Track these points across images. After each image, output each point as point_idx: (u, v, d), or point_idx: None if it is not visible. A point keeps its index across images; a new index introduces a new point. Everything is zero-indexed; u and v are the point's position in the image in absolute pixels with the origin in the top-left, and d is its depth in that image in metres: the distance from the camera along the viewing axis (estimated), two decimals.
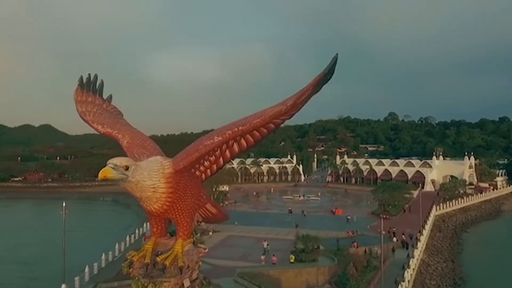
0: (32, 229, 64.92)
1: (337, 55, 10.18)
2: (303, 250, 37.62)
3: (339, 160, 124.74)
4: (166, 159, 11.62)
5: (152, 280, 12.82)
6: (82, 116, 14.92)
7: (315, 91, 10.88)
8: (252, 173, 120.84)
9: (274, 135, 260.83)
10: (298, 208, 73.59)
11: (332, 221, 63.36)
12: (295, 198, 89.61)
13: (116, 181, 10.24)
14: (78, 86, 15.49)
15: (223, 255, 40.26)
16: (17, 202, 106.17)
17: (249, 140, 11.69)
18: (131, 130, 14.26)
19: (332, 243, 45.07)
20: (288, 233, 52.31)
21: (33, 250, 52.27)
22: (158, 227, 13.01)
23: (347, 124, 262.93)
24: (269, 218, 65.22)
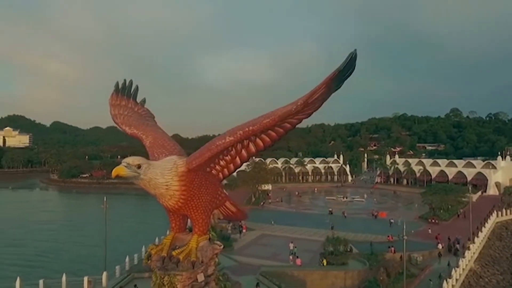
0: (90, 220, 71.94)
1: (355, 51, 9.90)
2: (332, 253, 36.74)
3: (389, 159, 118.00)
4: (180, 158, 12.23)
5: (166, 272, 13.91)
6: (114, 118, 16.12)
7: (330, 89, 10.63)
8: (296, 173, 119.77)
9: (324, 134, 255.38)
10: (339, 209, 71.56)
11: (374, 224, 60.57)
12: (338, 199, 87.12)
13: (130, 178, 11.27)
14: (114, 91, 16.97)
15: (252, 253, 41.02)
16: (84, 196, 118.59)
17: (265, 139, 11.97)
18: (154, 132, 15.20)
19: (368, 246, 43.31)
20: (323, 235, 50.98)
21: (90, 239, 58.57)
22: (176, 222, 14.02)
23: (402, 122, 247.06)
24: (307, 219, 64.44)
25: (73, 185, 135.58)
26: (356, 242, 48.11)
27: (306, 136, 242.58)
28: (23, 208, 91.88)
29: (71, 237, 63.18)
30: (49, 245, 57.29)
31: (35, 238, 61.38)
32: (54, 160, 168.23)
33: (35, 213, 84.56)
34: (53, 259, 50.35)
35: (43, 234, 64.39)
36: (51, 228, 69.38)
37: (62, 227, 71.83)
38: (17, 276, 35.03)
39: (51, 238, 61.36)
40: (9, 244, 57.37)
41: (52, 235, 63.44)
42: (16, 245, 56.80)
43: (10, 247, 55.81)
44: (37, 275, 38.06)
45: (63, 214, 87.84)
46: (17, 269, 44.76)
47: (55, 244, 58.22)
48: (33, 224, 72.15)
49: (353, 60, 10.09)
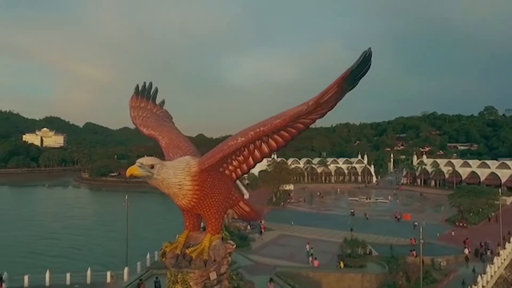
0: (118, 216, 74.81)
1: (369, 49, 9.74)
2: (349, 255, 36.15)
3: (416, 160, 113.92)
4: (194, 158, 12.42)
5: (180, 270, 14.44)
6: (133, 120, 16.75)
7: (343, 89, 10.49)
8: (319, 173, 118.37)
9: (349, 133, 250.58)
10: (362, 210, 70.10)
11: (397, 227, 58.88)
12: (361, 200, 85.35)
13: (143, 178, 11.63)
14: (134, 93, 17.77)
15: (270, 253, 41.16)
16: (113, 194, 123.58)
17: (278, 140, 11.98)
18: (170, 132, 15.57)
19: (388, 249, 42.21)
20: (343, 236, 50.04)
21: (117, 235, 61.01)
22: (191, 221, 14.49)
23: (432, 121, 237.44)
24: (328, 220, 63.68)
25: (102, 183, 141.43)
26: (377, 244, 47.07)
27: (331, 136, 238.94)
28: (59, 204, 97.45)
29: (102, 232, 66.10)
30: (82, 239, 60.29)
31: (70, 232, 64.85)
32: (86, 159, 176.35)
33: (69, 209, 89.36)
34: (86, 252, 52.88)
35: (76, 228, 67.93)
36: (83, 223, 72.98)
37: (93, 222, 75.28)
38: (55, 266, 37.61)
39: (84, 233, 64.42)
40: (47, 236, 61.29)
41: (85, 230, 66.63)
42: (53, 238, 60.38)
43: (48, 239, 59.59)
44: (71, 266, 40.95)
45: (93, 211, 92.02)
46: (54, 260, 48.25)
47: (87, 238, 61.17)
48: (68, 219, 76.32)
49: (367, 59, 9.91)
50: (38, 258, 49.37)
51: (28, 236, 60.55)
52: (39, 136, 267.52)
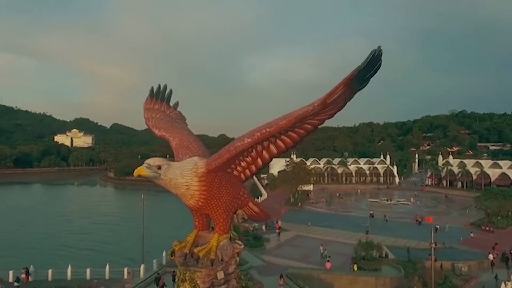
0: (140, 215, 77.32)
1: (379, 48, 9.58)
2: (363, 258, 35.48)
3: (441, 160, 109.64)
4: (201, 159, 12.45)
5: (187, 268, 14.90)
6: (146, 121, 17.33)
7: (352, 89, 10.33)
8: (339, 174, 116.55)
9: (372, 133, 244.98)
10: (381, 212, 68.45)
11: (418, 229, 56.97)
12: (382, 201, 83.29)
13: (150, 178, 12.14)
14: (149, 96, 18.37)
15: (283, 253, 41.12)
16: (136, 193, 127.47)
17: (286, 141, 11.99)
18: (180, 134, 16.00)
19: (409, 253, 41.02)
20: (359, 239, 49.53)
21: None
22: (200, 221, 14.89)
23: (461, 120, 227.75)
24: (346, 221, 62.66)
25: (127, 182, 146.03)
26: (395, 247, 45.88)
27: (353, 136, 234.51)
28: (86, 202, 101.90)
29: (126, 228, 68.38)
30: (108, 234, 62.76)
31: (98, 228, 67.70)
32: (112, 159, 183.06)
33: (96, 207, 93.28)
34: (112, 247, 54.84)
35: (103, 224, 70.80)
36: (109, 220, 75.82)
37: (118, 219, 78.11)
38: (83, 259, 39.66)
39: (110, 228, 66.96)
40: (76, 231, 64.40)
41: (110, 226, 69.23)
42: (82, 233, 63.25)
43: (77, 234, 62.59)
44: (98, 260, 43.28)
45: (118, 208, 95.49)
46: (84, 252, 50.76)
47: (112, 234, 63.61)
48: (95, 216, 79.72)
49: (377, 58, 9.67)
50: (68, 250, 52.12)
51: (60, 231, 63.97)
52: (70, 136, 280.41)
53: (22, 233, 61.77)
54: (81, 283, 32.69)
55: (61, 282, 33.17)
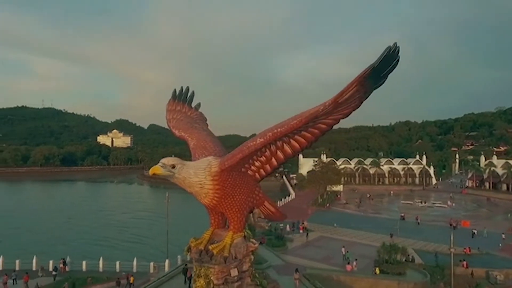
0: (175, 211, 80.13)
1: (394, 44, 9.30)
2: (386, 261, 34.40)
3: (484, 161, 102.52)
4: (216, 159, 13.17)
5: (202, 264, 15.67)
6: (167, 122, 17.83)
7: (366, 87, 10.07)
8: (371, 174, 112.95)
9: (409, 132, 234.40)
10: (414, 215, 65.63)
11: (453, 234, 53.97)
12: (415, 203, 79.75)
13: (165, 177, 12.66)
14: (171, 97, 19.19)
15: (305, 254, 40.91)
16: (169, 191, 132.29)
17: (301, 141, 12.25)
18: (198, 134, 16.42)
19: (438, 258, 39.17)
20: (387, 241, 48.04)
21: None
22: (215, 219, 15.52)
23: (509, 117, 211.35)
24: (375, 223, 60.88)
25: (161, 181, 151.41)
26: (425, 252, 44.09)
27: (388, 135, 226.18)
28: (125, 198, 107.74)
29: (161, 224, 71.56)
30: (144, 229, 65.92)
31: (136, 222, 71.43)
32: (148, 158, 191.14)
33: (133, 203, 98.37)
34: (149, 241, 57.78)
35: (141, 219, 74.60)
36: (146, 215, 79.59)
37: (154, 215, 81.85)
38: (119, 251, 42.52)
39: (147, 223, 70.10)
40: (116, 225, 68.63)
41: (147, 221, 72.44)
42: (121, 226, 67.36)
43: (117, 227, 66.82)
44: (134, 252, 46.17)
45: (154, 205, 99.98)
46: (124, 244, 54.50)
47: (149, 228, 66.70)
48: (133, 212, 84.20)
49: (393, 55, 9.33)
50: (109, 241, 56.28)
51: (102, 224, 68.62)
52: (110, 137, 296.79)
53: (69, 226, 67.12)
54: (111, 275, 34.91)
55: (94, 273, 35.63)
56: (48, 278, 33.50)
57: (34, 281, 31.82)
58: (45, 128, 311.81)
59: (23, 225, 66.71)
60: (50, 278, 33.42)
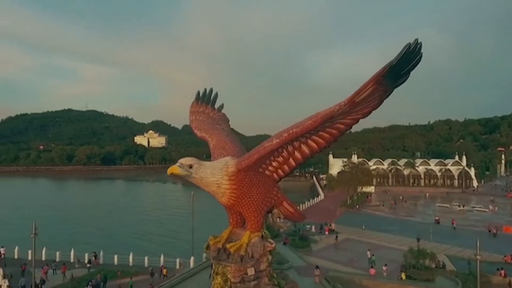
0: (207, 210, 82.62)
1: (416, 40, 8.93)
2: (414, 266, 32.99)
3: None
4: (233, 159, 13.23)
5: (219, 262, 16.31)
6: (190, 123, 18.28)
7: (385, 86, 9.78)
8: (405, 175, 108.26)
9: (450, 131, 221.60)
10: (450, 219, 62.17)
11: (491, 240, 50.64)
12: (453, 207, 75.43)
13: (183, 176, 12.75)
14: (195, 99, 19.97)
15: (329, 256, 40.35)
16: (200, 190, 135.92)
17: (319, 141, 12.14)
18: (218, 134, 16.57)
19: (471, 265, 36.94)
20: (417, 245, 46.02)
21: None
22: (234, 218, 16.01)
23: None
24: (406, 226, 58.51)
25: None
26: (459, 258, 41.80)
27: (427, 134, 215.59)
28: (160, 196, 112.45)
29: (194, 221, 74.11)
30: (179, 225, 68.27)
31: (170, 219, 74.50)
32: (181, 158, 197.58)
33: (167, 201, 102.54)
34: (182, 236, 58.94)
35: (174, 217, 77.74)
36: (179, 212, 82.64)
37: (186, 212, 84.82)
38: (160, 245, 45.43)
39: (180, 220, 72.08)
40: (152, 221, 72.17)
41: (180, 218, 75.16)
42: (158, 222, 70.79)
43: (154, 223, 70.29)
44: (170, 245, 49.23)
45: (186, 203, 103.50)
46: (161, 239, 57.38)
47: (182, 226, 69.35)
48: (168, 209, 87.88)
49: (414, 52, 8.95)
50: (147, 236, 59.50)
51: (139, 220, 72.43)
52: (146, 137, 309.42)
53: (110, 220, 71.79)
54: (140, 269, 36.71)
55: (124, 266, 37.68)
56: (83, 270, 35.98)
57: (71, 272, 34.31)
58: (88, 129, 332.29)
59: (69, 218, 72.30)
60: (85, 270, 35.86)
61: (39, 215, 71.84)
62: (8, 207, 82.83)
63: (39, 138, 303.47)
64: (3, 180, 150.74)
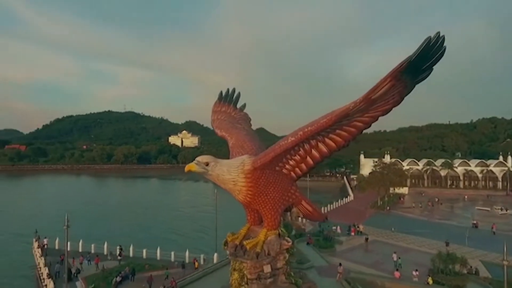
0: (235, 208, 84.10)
1: (437, 34, 8.53)
2: (442, 271, 31.46)
3: None
4: (250, 157, 13.48)
5: (236, 259, 16.95)
6: (211, 123, 18.90)
7: (404, 82, 9.41)
8: (442, 176, 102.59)
9: (495, 130, 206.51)
10: (490, 223, 58.28)
11: None
12: (494, 210, 70.52)
13: (200, 173, 13.15)
14: (217, 99, 20.66)
15: (353, 257, 39.51)
16: None
17: (336, 139, 12.06)
18: (238, 133, 16.80)
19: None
20: (450, 250, 43.66)
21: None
22: (251, 216, 16.47)
23: None
24: (439, 230, 55.60)
25: None
26: (495, 265, 39.06)
27: (469, 133, 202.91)
28: (193, 194, 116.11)
29: (225, 218, 75.86)
30: (211, 221, 70.84)
31: (202, 215, 76.49)
32: None
33: (200, 198, 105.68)
34: (213, 232, 62.47)
35: (206, 214, 79.98)
36: (210, 210, 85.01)
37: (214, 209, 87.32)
38: (193, 240, 49.31)
39: (211, 217, 75.05)
40: (186, 217, 75.06)
41: (212, 215, 77.57)
42: (190, 218, 73.37)
43: (187, 219, 73.19)
44: (203, 241, 50.96)
45: (218, 201, 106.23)
46: (195, 234, 60.07)
47: (213, 222, 71.64)
48: (200, 206, 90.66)
49: (435, 46, 8.54)
50: (181, 231, 62.15)
51: (173, 216, 75.49)
52: (180, 137, 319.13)
53: (147, 216, 75.46)
54: (166, 264, 38.24)
55: (152, 260, 39.44)
56: (114, 262, 38.16)
57: (102, 264, 36.56)
58: (126, 129, 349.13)
59: (108, 214, 77.00)
60: (116, 262, 38.01)
61: (82, 210, 77.80)
62: (55, 202, 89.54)
63: (83, 138, 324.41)
64: (51, 176, 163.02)
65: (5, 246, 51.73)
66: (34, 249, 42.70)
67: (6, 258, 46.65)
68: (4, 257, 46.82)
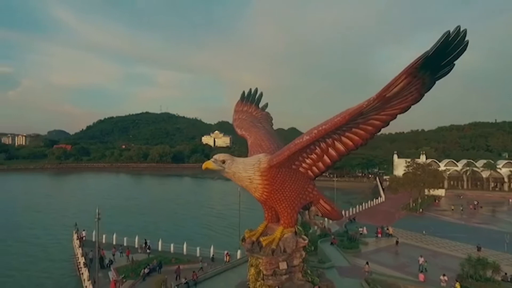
0: (256, 207, 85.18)
1: (457, 28, 8.18)
2: (471, 276, 29.84)
3: None
4: (266, 156, 14.29)
5: (252, 254, 17.70)
6: (233, 122, 19.91)
7: (423, 79, 9.05)
8: (483, 178, 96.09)
9: None
10: None
11: None
12: None
13: (217, 171, 14.32)
14: (240, 99, 21.41)
15: (378, 259, 38.53)
16: None
17: (353, 138, 12.24)
18: (257, 133, 17.87)
19: None
20: (484, 256, 41.08)
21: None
22: (269, 213, 17.22)
23: None
24: (475, 234, 52.41)
25: None
26: None
27: None
28: (223, 193, 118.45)
29: (254, 215, 76.92)
30: (237, 219, 72.66)
31: (232, 213, 78.17)
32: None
33: (230, 197, 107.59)
34: (241, 229, 64.05)
35: (235, 211, 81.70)
36: (237, 207, 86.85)
37: (246, 207, 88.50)
38: (224, 235, 52.35)
39: (241, 215, 77.07)
40: (216, 214, 76.94)
41: (241, 213, 79.59)
42: (221, 215, 75.23)
43: (218, 215, 74.99)
44: (233, 236, 51.92)
45: (246, 200, 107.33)
46: (225, 230, 61.62)
47: (242, 219, 73.35)
48: (230, 204, 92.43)
49: (455, 41, 8.13)
50: (212, 227, 64.55)
51: (205, 213, 78.11)
52: (213, 137, 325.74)
53: (182, 212, 78.49)
54: (192, 258, 39.66)
55: (178, 255, 41.10)
56: (143, 255, 40.27)
57: (132, 256, 38.73)
58: (162, 130, 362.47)
59: (144, 209, 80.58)
60: (145, 255, 40.09)
61: (121, 205, 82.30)
62: (97, 198, 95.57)
63: (122, 138, 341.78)
64: (93, 174, 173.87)
65: (55, 236, 56.24)
66: (74, 240, 46.14)
67: (54, 247, 50.54)
68: (53, 247, 50.84)
